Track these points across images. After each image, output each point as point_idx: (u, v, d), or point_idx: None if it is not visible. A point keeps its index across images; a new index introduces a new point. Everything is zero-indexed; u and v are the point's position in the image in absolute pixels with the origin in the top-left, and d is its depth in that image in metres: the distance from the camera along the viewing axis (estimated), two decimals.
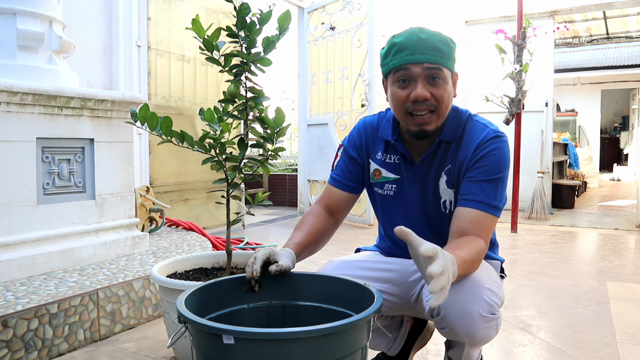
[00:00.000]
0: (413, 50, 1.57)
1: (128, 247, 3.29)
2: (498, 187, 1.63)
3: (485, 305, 1.47)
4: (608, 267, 4.15)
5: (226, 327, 1.12)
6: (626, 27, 11.43)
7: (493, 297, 1.50)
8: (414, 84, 1.59)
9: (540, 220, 6.85)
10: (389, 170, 1.81)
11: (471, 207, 1.60)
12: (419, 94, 1.57)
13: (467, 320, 1.46)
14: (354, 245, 4.92)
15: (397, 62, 1.60)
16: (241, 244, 4.47)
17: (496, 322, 1.52)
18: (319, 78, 6.99)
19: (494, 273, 1.67)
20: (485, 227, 1.59)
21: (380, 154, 1.83)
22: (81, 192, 3.06)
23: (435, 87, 1.59)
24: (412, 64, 1.57)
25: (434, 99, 1.59)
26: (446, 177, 1.71)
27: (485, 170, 1.62)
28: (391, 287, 1.82)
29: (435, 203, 1.75)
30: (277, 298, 1.57)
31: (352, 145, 1.89)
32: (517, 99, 5.77)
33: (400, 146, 1.76)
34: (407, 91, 1.60)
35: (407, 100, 1.60)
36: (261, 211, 7.91)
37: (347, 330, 1.19)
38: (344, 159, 1.90)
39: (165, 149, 4.91)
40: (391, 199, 1.83)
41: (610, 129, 20.96)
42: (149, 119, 1.95)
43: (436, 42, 1.58)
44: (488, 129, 1.69)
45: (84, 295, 2.47)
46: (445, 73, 1.60)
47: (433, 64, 1.57)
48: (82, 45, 4.10)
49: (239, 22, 1.94)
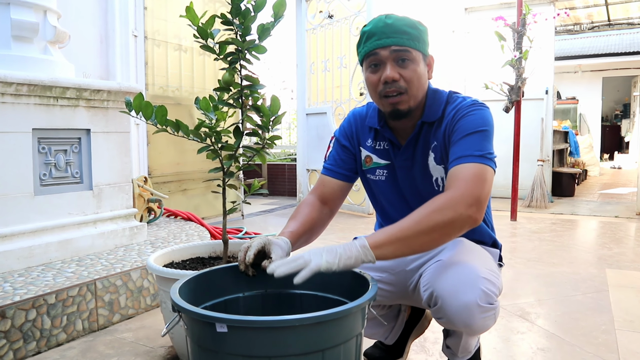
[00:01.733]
0: (380, 36, 1.63)
1: (126, 237, 3.29)
2: (478, 139, 1.60)
3: (482, 295, 1.47)
4: (607, 254, 4.15)
5: (219, 315, 1.12)
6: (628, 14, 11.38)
7: (490, 287, 1.50)
8: (384, 67, 1.64)
9: (540, 208, 6.85)
10: (379, 156, 1.84)
11: (454, 165, 1.57)
12: (387, 76, 1.62)
13: (465, 311, 1.46)
14: (353, 234, 4.92)
15: (368, 49, 1.66)
16: (240, 233, 4.47)
17: (494, 312, 1.52)
18: (317, 67, 6.97)
19: (491, 262, 1.67)
20: (462, 175, 1.53)
21: (370, 141, 1.87)
22: (78, 182, 3.06)
23: (404, 68, 1.64)
24: (380, 49, 1.63)
25: (404, 80, 1.64)
26: (434, 154, 1.72)
27: (464, 129, 1.62)
28: (388, 276, 1.82)
29: (427, 182, 1.76)
30: (273, 286, 1.58)
31: (344, 135, 1.93)
32: (516, 86, 5.76)
33: (387, 132, 1.80)
34: (378, 75, 1.66)
35: (378, 83, 1.66)
36: (260, 201, 7.92)
37: (341, 318, 1.19)
38: (336, 149, 1.93)
39: (163, 139, 4.91)
40: (383, 184, 1.85)
41: (611, 117, 20.94)
42: (144, 108, 1.95)
43: (402, 25, 1.63)
44: (467, 99, 1.72)
45: (82, 286, 2.48)
46: (414, 54, 1.64)
47: (400, 46, 1.62)
48: (78, 36, 4.09)
49: (233, 9, 1.93)
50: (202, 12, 1.97)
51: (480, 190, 1.48)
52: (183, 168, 5.33)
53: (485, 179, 1.52)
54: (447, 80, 7.75)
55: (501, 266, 1.90)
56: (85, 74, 4.15)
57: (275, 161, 9.19)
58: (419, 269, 1.76)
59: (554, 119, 8.27)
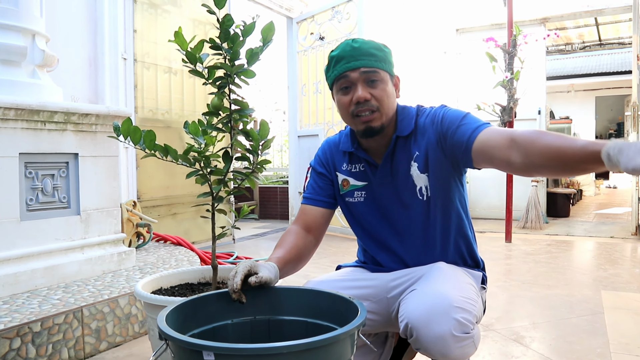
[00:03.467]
0: (349, 59, 1.73)
1: (114, 263, 3.28)
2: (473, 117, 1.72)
3: (456, 325, 1.47)
4: (603, 276, 4.16)
5: (205, 343, 1.12)
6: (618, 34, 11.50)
7: (466, 315, 1.50)
8: (355, 88, 1.73)
9: (535, 229, 6.87)
10: (356, 178, 1.90)
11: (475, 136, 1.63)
12: (359, 96, 1.71)
13: (439, 341, 1.47)
14: (346, 257, 4.92)
15: (337, 72, 1.76)
16: (231, 258, 4.46)
17: (472, 340, 1.52)
18: (309, 89, 7.00)
19: (469, 288, 1.66)
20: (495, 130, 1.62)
21: (345, 165, 1.93)
22: (65, 207, 3.06)
23: (374, 88, 1.73)
24: (349, 71, 1.73)
25: (375, 99, 1.73)
26: (417, 164, 1.78)
27: (453, 120, 1.72)
28: (370, 305, 1.82)
29: (410, 193, 1.81)
30: (261, 313, 1.57)
31: (319, 163, 2.01)
32: (509, 107, 5.81)
33: (361, 153, 1.87)
34: (349, 96, 1.75)
35: (350, 104, 1.75)
36: (252, 224, 7.91)
37: (330, 345, 1.19)
38: (313, 177, 2.01)
39: (152, 163, 4.91)
40: (363, 205, 1.90)
41: (605, 136, 21.05)
42: (132, 133, 1.95)
43: (369, 48, 1.73)
44: (435, 106, 1.84)
45: (68, 313, 2.46)
46: (382, 75, 1.74)
47: (369, 67, 1.72)
48: (67, 59, 4.10)
49: (222, 34, 1.95)
50: (191, 35, 1.99)
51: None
52: (173, 192, 5.33)
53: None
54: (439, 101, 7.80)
55: (484, 289, 1.91)
56: (73, 98, 4.16)
57: (267, 184, 9.20)
58: (399, 296, 1.77)
59: None
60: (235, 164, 2.13)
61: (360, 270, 1.97)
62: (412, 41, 7.89)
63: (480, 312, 1.63)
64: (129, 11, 4.82)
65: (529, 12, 7.47)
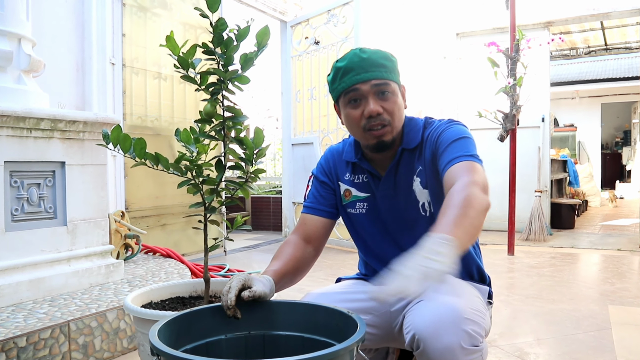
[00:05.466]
0: (358, 70, 1.72)
1: (102, 275, 3.29)
2: (463, 143, 1.69)
3: (466, 337, 1.47)
4: (610, 290, 4.18)
5: (199, 359, 1.13)
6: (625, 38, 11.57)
7: (475, 328, 1.50)
8: (365, 101, 1.73)
9: (538, 241, 6.89)
10: (358, 189, 1.91)
11: (447, 168, 1.64)
12: (372, 110, 1.71)
13: (447, 353, 1.46)
14: (342, 270, 4.93)
15: (346, 84, 1.74)
16: (222, 271, 4.47)
17: (480, 354, 1.52)
18: (304, 95, 7.03)
19: (477, 301, 1.67)
20: (464, 168, 1.60)
21: (348, 175, 1.94)
22: (52, 218, 3.07)
23: (385, 101, 1.73)
24: (360, 84, 1.72)
25: (387, 112, 1.73)
26: (419, 179, 1.80)
27: (447, 139, 1.72)
28: (372, 318, 1.82)
29: (413, 209, 1.82)
30: (256, 328, 1.58)
31: (322, 172, 2.01)
32: (511, 114, 5.83)
33: (365, 164, 1.88)
34: (360, 110, 1.74)
35: (361, 118, 1.74)
36: (244, 236, 7.90)
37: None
38: (315, 186, 2.01)
39: (141, 172, 4.91)
40: (364, 217, 1.91)
41: (611, 145, 21.11)
42: (122, 140, 1.97)
43: (378, 58, 1.73)
44: (444, 119, 1.84)
45: (55, 328, 2.47)
46: (393, 86, 1.75)
47: (380, 79, 1.72)
48: (53, 64, 4.12)
49: (215, 38, 1.96)
50: (182, 40, 2.00)
51: (481, 176, 1.57)
52: (162, 202, 5.34)
53: (479, 171, 1.59)
54: (439, 108, 7.83)
55: (491, 304, 1.92)
56: (60, 104, 4.17)
57: (260, 194, 9.19)
58: (403, 309, 1.77)
59: (551, 147, 8.35)
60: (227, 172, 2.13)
61: (362, 283, 1.98)
62: (411, 46, 7.91)
63: (488, 326, 1.63)
64: (117, 14, 4.84)
65: (532, 16, 7.51)
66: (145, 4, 5.15)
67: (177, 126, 2.10)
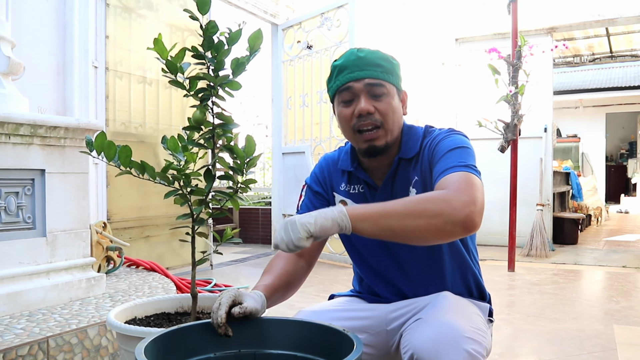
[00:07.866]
0: (353, 69, 1.74)
1: (82, 289, 3.28)
2: (460, 153, 1.68)
3: (467, 357, 1.47)
4: (615, 309, 4.20)
5: None
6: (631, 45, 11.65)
7: (476, 347, 1.49)
8: (357, 100, 1.74)
9: (540, 257, 6.91)
10: (354, 200, 1.90)
11: (440, 178, 1.63)
12: (362, 108, 1.72)
13: None
14: (334, 286, 4.92)
15: (340, 83, 1.76)
16: (209, 285, 4.46)
17: None
18: (295, 102, 7.04)
19: (478, 319, 1.68)
20: (450, 181, 1.58)
21: (343, 185, 1.94)
22: (30, 228, 3.06)
23: (379, 101, 1.74)
24: (353, 82, 1.74)
25: (379, 113, 1.73)
26: (415, 190, 1.79)
27: (444, 148, 1.72)
28: (368, 337, 1.82)
29: None
30: (247, 346, 1.58)
31: (316, 181, 2.01)
32: (512, 124, 5.85)
33: (361, 173, 1.88)
34: (351, 108, 1.76)
35: (352, 117, 1.76)
36: (231, 249, 7.89)
37: None
38: (308, 196, 2.00)
39: (124, 181, 4.90)
40: None
41: (616, 156, 21.20)
42: (106, 148, 1.96)
43: (375, 58, 1.75)
44: (444, 128, 1.83)
45: (33, 344, 2.45)
46: (389, 88, 1.75)
47: (374, 79, 1.73)
48: (33, 66, 4.11)
49: (205, 41, 1.97)
50: (169, 43, 2.00)
51: (474, 191, 1.52)
52: (146, 212, 5.32)
53: (476, 184, 1.56)
54: (437, 117, 7.85)
55: (491, 322, 1.93)
56: (40, 109, 4.17)
57: (248, 205, 9.19)
58: (400, 328, 1.77)
59: (554, 159, 8.40)
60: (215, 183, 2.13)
61: (356, 300, 1.98)
62: (408, 51, 7.93)
63: (489, 345, 1.63)
64: (100, 15, 4.84)
65: (535, 21, 7.55)
66: (130, 4, 5.16)
67: (163, 133, 2.10)
